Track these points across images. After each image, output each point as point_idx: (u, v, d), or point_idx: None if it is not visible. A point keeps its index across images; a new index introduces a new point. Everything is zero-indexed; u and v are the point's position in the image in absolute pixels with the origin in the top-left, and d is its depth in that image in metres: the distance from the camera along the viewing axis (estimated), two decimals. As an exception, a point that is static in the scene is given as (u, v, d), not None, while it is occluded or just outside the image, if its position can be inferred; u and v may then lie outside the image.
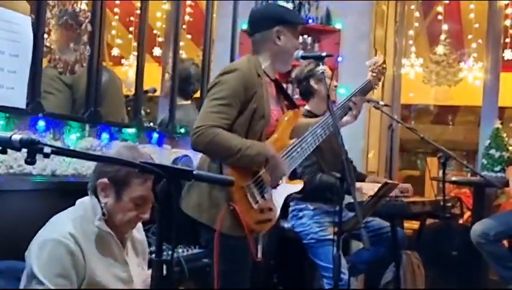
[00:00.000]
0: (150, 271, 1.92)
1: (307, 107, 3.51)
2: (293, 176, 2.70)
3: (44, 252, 1.66)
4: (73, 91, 3.06)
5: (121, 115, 3.36)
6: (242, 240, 2.37)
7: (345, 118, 2.81)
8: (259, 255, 2.47)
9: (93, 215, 1.77)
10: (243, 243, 2.38)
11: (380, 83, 2.98)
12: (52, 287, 1.63)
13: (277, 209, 2.54)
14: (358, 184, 3.28)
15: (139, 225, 1.95)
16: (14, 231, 2.07)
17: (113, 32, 6.66)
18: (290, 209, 3.52)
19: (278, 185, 2.50)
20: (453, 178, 4.92)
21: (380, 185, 2.94)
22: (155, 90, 4.12)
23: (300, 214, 3.46)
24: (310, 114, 3.36)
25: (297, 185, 2.67)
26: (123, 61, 6.99)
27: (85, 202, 1.82)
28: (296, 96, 4.66)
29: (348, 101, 2.73)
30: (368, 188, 3.19)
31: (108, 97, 3.16)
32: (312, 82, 3.46)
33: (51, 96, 2.96)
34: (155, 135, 3.38)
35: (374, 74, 2.82)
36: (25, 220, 1.95)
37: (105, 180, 1.77)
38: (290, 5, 4.43)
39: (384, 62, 2.88)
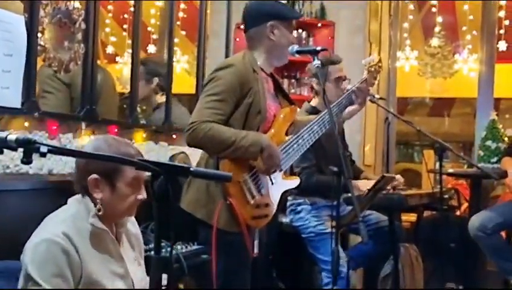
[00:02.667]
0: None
1: (312, 103, 3.49)
2: (290, 173, 2.68)
3: (39, 253, 1.64)
4: (71, 89, 3.05)
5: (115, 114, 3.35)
6: (238, 235, 2.36)
7: (350, 108, 2.80)
8: (256, 250, 2.46)
9: (87, 212, 1.76)
10: (240, 238, 2.36)
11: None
12: (49, 288, 1.62)
13: (274, 205, 2.53)
14: (353, 182, 3.27)
15: (133, 218, 1.95)
16: (12, 231, 2.07)
17: (107, 30, 6.62)
18: (288, 203, 3.52)
19: (273, 172, 2.48)
20: (450, 170, 4.93)
21: (375, 180, 2.94)
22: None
23: (299, 208, 3.46)
24: (315, 110, 3.34)
25: (294, 181, 2.66)
26: (118, 58, 6.96)
27: (77, 200, 1.80)
28: (293, 90, 4.69)
29: (350, 92, 2.74)
30: (364, 185, 3.19)
31: (103, 96, 3.15)
32: (314, 84, 3.45)
33: (50, 96, 2.96)
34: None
35: (370, 72, 2.82)
36: (23, 219, 1.94)
37: (95, 176, 1.74)
38: (283, 0, 4.41)
39: (380, 61, 2.87)
